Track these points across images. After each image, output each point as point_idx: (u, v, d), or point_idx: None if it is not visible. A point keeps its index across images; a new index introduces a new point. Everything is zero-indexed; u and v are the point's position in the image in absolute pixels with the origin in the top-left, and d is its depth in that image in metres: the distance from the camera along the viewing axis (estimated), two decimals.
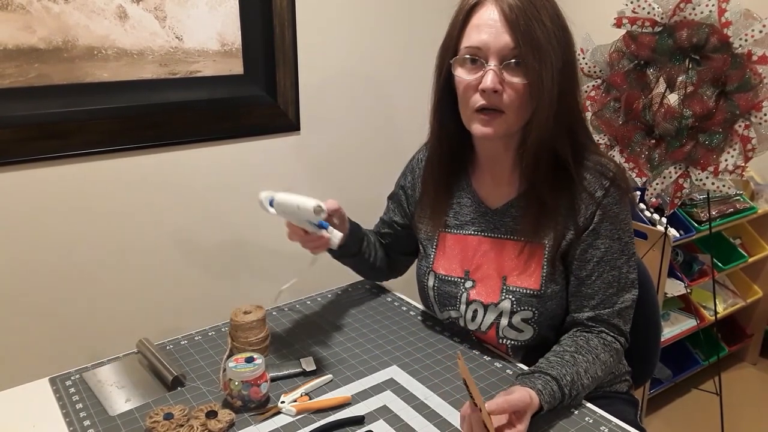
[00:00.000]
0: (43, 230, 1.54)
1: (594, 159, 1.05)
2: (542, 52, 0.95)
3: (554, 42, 0.96)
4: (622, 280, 1.06)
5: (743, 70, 1.53)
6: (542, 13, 0.95)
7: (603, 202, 1.03)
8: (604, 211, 1.03)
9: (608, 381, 1.19)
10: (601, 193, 1.03)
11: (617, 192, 1.04)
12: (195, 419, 0.94)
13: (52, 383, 1.07)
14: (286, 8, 1.76)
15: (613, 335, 1.07)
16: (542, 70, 0.95)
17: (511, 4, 0.95)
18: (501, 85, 0.97)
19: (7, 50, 1.40)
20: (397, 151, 2.15)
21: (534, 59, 0.95)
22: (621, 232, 1.05)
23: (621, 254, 1.05)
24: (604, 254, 1.04)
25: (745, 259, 2.28)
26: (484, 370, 1.08)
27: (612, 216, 1.04)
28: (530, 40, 0.94)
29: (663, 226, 1.93)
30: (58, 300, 1.60)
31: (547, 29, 0.95)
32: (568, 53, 1.00)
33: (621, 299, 1.06)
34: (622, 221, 1.05)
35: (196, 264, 1.81)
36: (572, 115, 1.02)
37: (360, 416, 0.96)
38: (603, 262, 1.05)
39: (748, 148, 1.57)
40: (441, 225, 1.17)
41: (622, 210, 1.05)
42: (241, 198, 1.84)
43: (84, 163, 1.56)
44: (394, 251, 1.33)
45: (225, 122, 1.75)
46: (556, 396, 0.93)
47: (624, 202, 1.05)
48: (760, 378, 2.45)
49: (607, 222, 1.03)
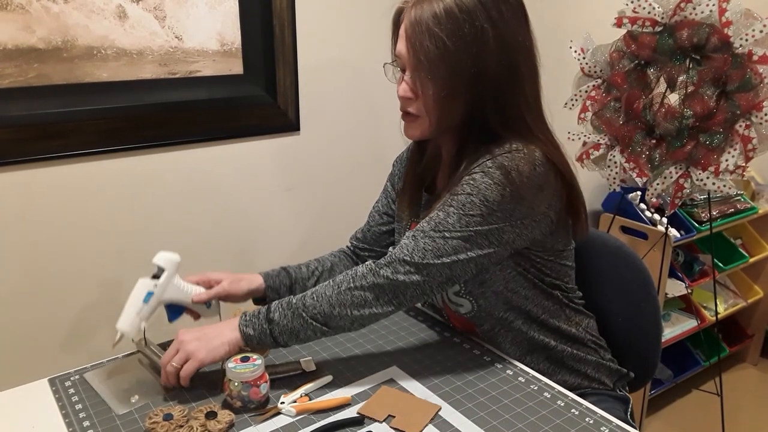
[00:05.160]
0: (43, 230, 1.54)
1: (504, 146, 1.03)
2: (432, 66, 0.99)
3: (450, 57, 0.98)
4: (441, 225, 1.00)
5: (744, 70, 1.53)
6: (443, 29, 0.97)
7: (472, 169, 1.02)
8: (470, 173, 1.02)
9: (593, 376, 1.18)
10: (476, 165, 1.03)
11: (491, 163, 1.01)
12: (194, 420, 0.94)
13: (52, 384, 1.07)
14: (286, 8, 1.76)
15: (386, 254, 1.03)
16: (438, 83, 1.00)
17: (412, 20, 1.00)
18: (413, 92, 1.04)
19: (6, 50, 1.40)
20: (397, 151, 2.15)
21: (427, 74, 1.01)
22: (472, 190, 1.00)
23: (458, 205, 1.00)
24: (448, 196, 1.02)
25: (745, 259, 2.28)
26: (484, 370, 1.08)
27: (472, 174, 1.01)
28: (420, 56, 1.00)
29: (664, 226, 1.93)
30: (58, 300, 1.59)
31: (440, 45, 0.98)
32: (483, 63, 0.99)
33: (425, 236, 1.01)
34: (480, 184, 1.00)
35: (196, 264, 1.81)
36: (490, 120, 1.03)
37: (360, 417, 0.96)
38: (436, 206, 1.04)
39: (749, 148, 1.57)
40: (414, 214, 1.22)
41: (486, 179, 1.00)
42: (242, 198, 1.83)
43: (83, 163, 1.56)
44: (380, 246, 1.34)
45: (225, 122, 1.75)
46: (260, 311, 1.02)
47: (493, 175, 1.00)
48: (760, 378, 2.45)
49: (464, 181, 1.02)
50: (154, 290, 1.10)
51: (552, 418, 0.96)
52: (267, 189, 1.89)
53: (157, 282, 1.10)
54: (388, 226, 1.33)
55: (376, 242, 1.34)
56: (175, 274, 1.14)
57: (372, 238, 1.34)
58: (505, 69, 1.01)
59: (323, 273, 1.30)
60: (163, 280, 1.11)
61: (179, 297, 1.14)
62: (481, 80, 1.00)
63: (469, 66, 0.99)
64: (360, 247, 1.36)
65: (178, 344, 1.03)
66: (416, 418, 0.95)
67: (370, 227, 1.35)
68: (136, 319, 1.07)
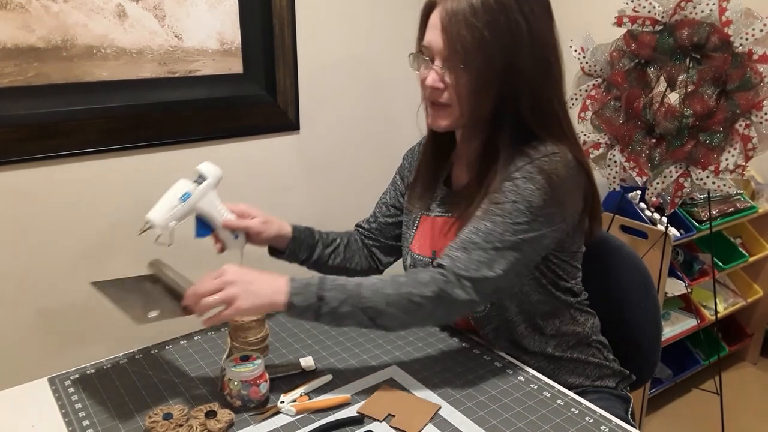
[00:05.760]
0: (43, 229, 1.54)
1: (539, 148, 1.04)
2: (468, 57, 0.99)
3: (488, 48, 0.98)
4: (490, 235, 1.00)
5: (744, 69, 1.53)
6: (480, 19, 0.98)
7: (512, 174, 1.03)
8: (511, 179, 1.02)
9: (595, 375, 1.19)
10: (514, 168, 1.03)
11: (532, 167, 1.01)
12: (194, 419, 0.94)
13: (52, 383, 1.07)
14: (286, 7, 1.76)
15: (441, 265, 1.01)
16: (473, 74, 1.01)
17: (448, 9, 1.00)
18: (442, 83, 1.03)
19: (6, 49, 1.40)
20: (396, 150, 2.14)
21: (460, 63, 1.00)
22: (517, 198, 1.00)
23: (505, 214, 1.00)
24: (488, 208, 1.02)
25: (745, 258, 2.27)
26: (484, 369, 1.08)
27: (513, 180, 1.02)
28: (458, 46, 1.00)
29: (663, 225, 1.93)
30: (58, 300, 1.59)
31: (479, 35, 0.98)
32: (516, 56, 1.00)
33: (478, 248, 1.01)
34: (524, 189, 1.00)
35: (196, 264, 1.81)
36: (521, 113, 1.04)
37: (360, 416, 0.96)
38: (482, 212, 1.03)
39: (749, 147, 1.57)
40: (425, 207, 1.21)
41: (528, 183, 1.00)
42: (241, 197, 1.83)
43: (83, 163, 1.56)
44: (385, 238, 1.33)
45: (224, 121, 1.74)
46: (311, 284, 0.97)
47: (535, 180, 1.00)
48: (760, 378, 2.45)
49: (507, 186, 1.02)
50: (193, 192, 1.06)
51: (552, 417, 0.96)
52: (267, 188, 1.89)
53: (198, 186, 1.07)
54: (394, 218, 1.32)
55: (381, 233, 1.34)
56: (215, 189, 1.10)
57: (378, 229, 1.34)
58: (539, 64, 1.03)
59: (342, 248, 1.30)
60: (204, 186, 1.08)
61: (212, 213, 1.10)
62: (515, 74, 1.01)
63: (503, 57, 0.99)
64: (365, 235, 1.35)
65: (221, 278, 0.96)
66: (416, 417, 0.95)
67: (376, 218, 1.34)
68: (168, 214, 1.03)
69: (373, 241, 1.34)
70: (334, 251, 1.28)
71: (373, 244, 1.34)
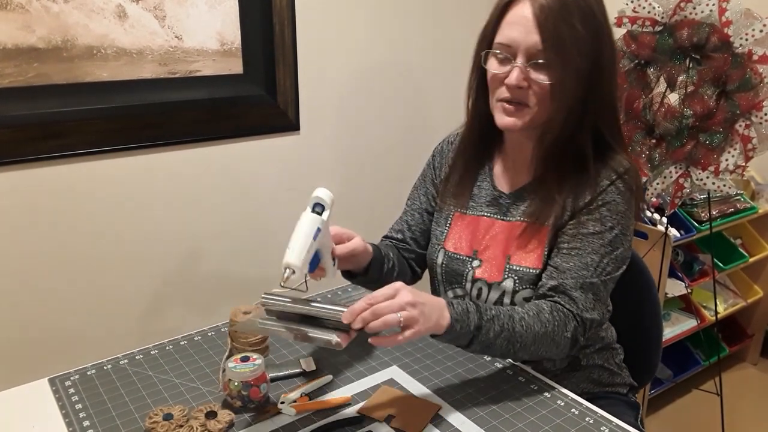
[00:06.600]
0: (43, 230, 1.54)
1: (616, 158, 1.06)
2: (566, 54, 0.97)
3: (582, 45, 0.97)
4: (598, 269, 1.03)
5: (744, 70, 1.53)
6: (574, 16, 0.96)
7: (606, 189, 1.04)
8: (603, 197, 1.04)
9: (607, 381, 1.19)
10: (606, 182, 1.04)
11: (623, 185, 1.04)
12: (194, 419, 0.94)
13: (52, 384, 1.07)
14: (286, 7, 1.75)
15: (568, 307, 1.02)
16: (564, 72, 0.98)
17: (543, 4, 0.97)
18: (526, 81, 1.00)
19: (6, 50, 1.40)
20: (396, 150, 2.15)
21: (557, 61, 0.97)
22: (614, 223, 1.03)
23: (607, 244, 1.03)
24: (590, 235, 1.03)
25: (745, 259, 2.27)
26: (483, 370, 1.08)
27: (609, 203, 1.04)
28: (555, 42, 0.97)
29: (663, 225, 1.93)
30: (57, 300, 1.59)
31: (575, 32, 0.96)
32: (600, 56, 1.00)
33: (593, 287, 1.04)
34: (618, 213, 1.04)
35: (196, 263, 1.81)
36: (598, 115, 1.03)
37: (360, 416, 0.96)
38: (586, 242, 1.03)
39: (749, 147, 1.57)
40: (460, 205, 1.18)
41: (622, 203, 1.04)
42: (242, 197, 1.83)
43: (83, 163, 1.56)
44: (420, 248, 1.27)
45: (224, 122, 1.74)
46: (470, 311, 0.94)
47: (626, 197, 1.04)
48: (760, 378, 2.45)
49: (604, 208, 1.04)
50: (322, 227, 0.95)
51: (552, 417, 0.96)
52: (268, 189, 1.89)
53: (322, 219, 0.95)
54: (429, 225, 1.26)
55: (417, 243, 1.26)
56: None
57: (413, 239, 1.26)
58: (613, 66, 1.04)
59: (396, 263, 1.21)
60: (326, 218, 0.96)
61: (328, 243, 1.00)
62: (598, 74, 1.00)
63: (593, 56, 0.99)
64: (399, 247, 1.26)
65: (401, 299, 0.88)
66: (416, 417, 0.95)
67: (409, 226, 1.26)
68: (305, 255, 0.91)
69: (409, 253, 1.26)
70: (392, 267, 1.20)
71: (409, 256, 1.26)
